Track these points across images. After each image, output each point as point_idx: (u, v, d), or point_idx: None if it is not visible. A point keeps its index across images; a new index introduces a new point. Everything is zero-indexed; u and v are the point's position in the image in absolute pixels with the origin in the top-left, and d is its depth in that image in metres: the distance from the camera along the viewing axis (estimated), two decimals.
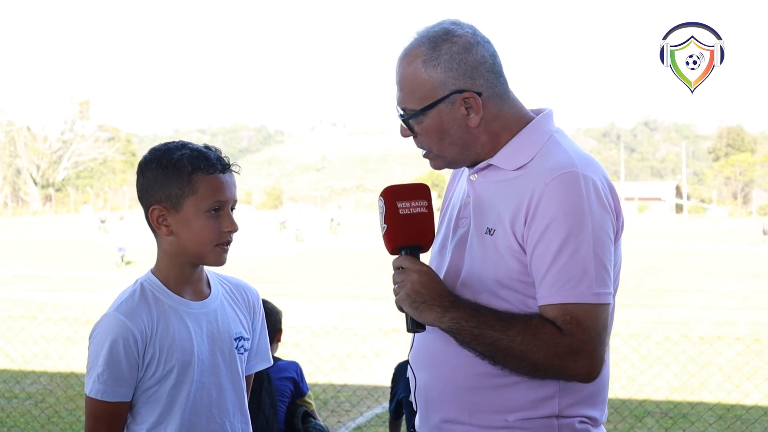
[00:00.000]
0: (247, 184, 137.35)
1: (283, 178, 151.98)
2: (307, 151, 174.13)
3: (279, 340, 4.50)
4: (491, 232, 2.13)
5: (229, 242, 2.33)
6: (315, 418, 4.65)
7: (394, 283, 2.15)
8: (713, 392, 8.26)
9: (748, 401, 7.92)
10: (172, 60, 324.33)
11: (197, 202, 2.27)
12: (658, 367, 9.19)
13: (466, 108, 2.16)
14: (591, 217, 2.04)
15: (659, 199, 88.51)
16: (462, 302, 2.09)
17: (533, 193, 2.07)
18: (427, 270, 2.12)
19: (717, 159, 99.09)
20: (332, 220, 48.17)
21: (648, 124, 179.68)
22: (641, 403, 7.93)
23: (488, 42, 2.21)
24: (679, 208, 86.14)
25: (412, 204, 2.15)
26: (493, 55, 2.20)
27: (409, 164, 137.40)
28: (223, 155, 2.35)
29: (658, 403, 8.02)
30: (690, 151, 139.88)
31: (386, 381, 5.92)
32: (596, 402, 2.19)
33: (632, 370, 9.16)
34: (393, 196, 2.15)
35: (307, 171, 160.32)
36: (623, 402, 7.82)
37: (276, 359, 4.47)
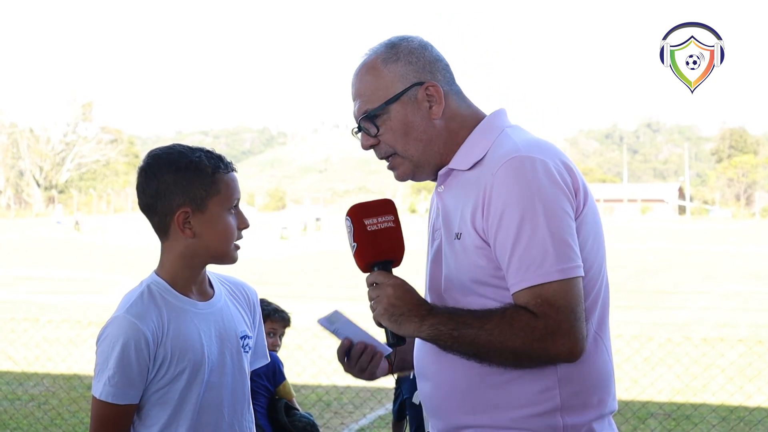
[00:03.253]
0: (249, 185, 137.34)
1: (285, 179, 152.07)
2: (310, 153, 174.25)
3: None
4: (459, 237, 2.16)
5: (240, 239, 2.37)
6: (297, 409, 4.64)
7: (370, 300, 2.17)
8: (716, 394, 8.24)
9: (751, 403, 7.91)
10: (175, 62, 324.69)
11: (221, 201, 2.30)
12: (660, 369, 9.19)
13: (428, 100, 2.21)
14: (540, 195, 2.04)
15: (662, 200, 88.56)
16: (438, 309, 2.10)
17: (485, 186, 2.10)
18: (401, 282, 2.13)
19: (720, 160, 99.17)
20: (318, 219, 49.00)
21: (651, 125, 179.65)
22: (644, 404, 7.92)
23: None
24: (681, 210, 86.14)
25: (379, 219, 2.17)
26: (445, 59, 2.29)
27: None
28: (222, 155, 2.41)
29: (660, 405, 8.01)
30: (693, 152, 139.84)
31: (389, 383, 5.92)
32: (602, 388, 2.15)
33: (635, 371, 9.15)
34: (359, 213, 2.17)
35: (309, 173, 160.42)
36: (626, 404, 7.81)
37: None
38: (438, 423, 2.24)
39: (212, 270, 2.52)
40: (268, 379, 4.53)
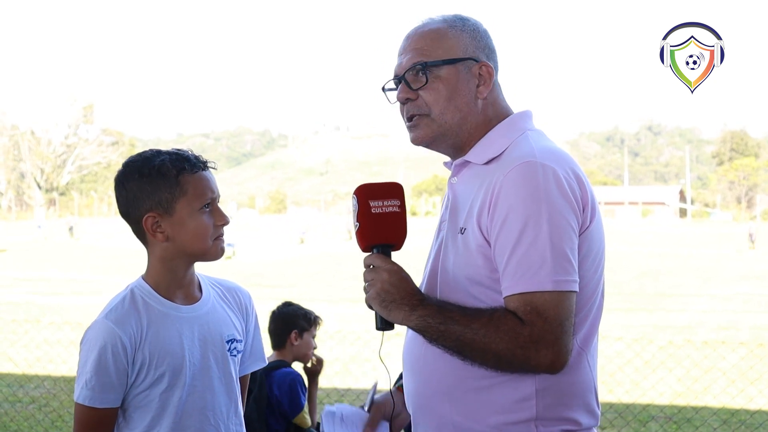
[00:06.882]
0: (250, 188, 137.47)
1: (286, 182, 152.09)
2: (311, 155, 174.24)
3: (293, 343, 4.47)
4: (463, 231, 2.15)
5: (222, 235, 2.36)
6: None
7: (365, 281, 2.16)
8: (717, 397, 8.23)
9: (752, 406, 7.89)
10: (176, 64, 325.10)
11: (189, 202, 2.30)
12: (661, 372, 9.17)
13: (479, 78, 2.23)
14: (548, 205, 2.03)
15: (663, 203, 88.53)
16: (430, 300, 2.10)
17: (495, 185, 2.09)
18: (398, 269, 2.12)
19: (721, 163, 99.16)
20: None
21: (652, 128, 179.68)
22: (645, 407, 7.91)
23: None
24: (682, 213, 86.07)
25: (385, 203, 2.15)
26: (497, 53, 2.33)
27: (412, 168, 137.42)
28: (198, 154, 2.38)
29: (662, 408, 8.00)
30: (694, 155, 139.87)
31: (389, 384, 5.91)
32: (579, 403, 2.15)
33: (636, 374, 9.14)
34: (366, 194, 2.15)
35: (310, 175, 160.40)
36: (627, 406, 7.80)
37: (283, 365, 4.44)
38: (422, 420, 2.24)
39: (207, 273, 2.52)
40: (282, 411, 4.38)
